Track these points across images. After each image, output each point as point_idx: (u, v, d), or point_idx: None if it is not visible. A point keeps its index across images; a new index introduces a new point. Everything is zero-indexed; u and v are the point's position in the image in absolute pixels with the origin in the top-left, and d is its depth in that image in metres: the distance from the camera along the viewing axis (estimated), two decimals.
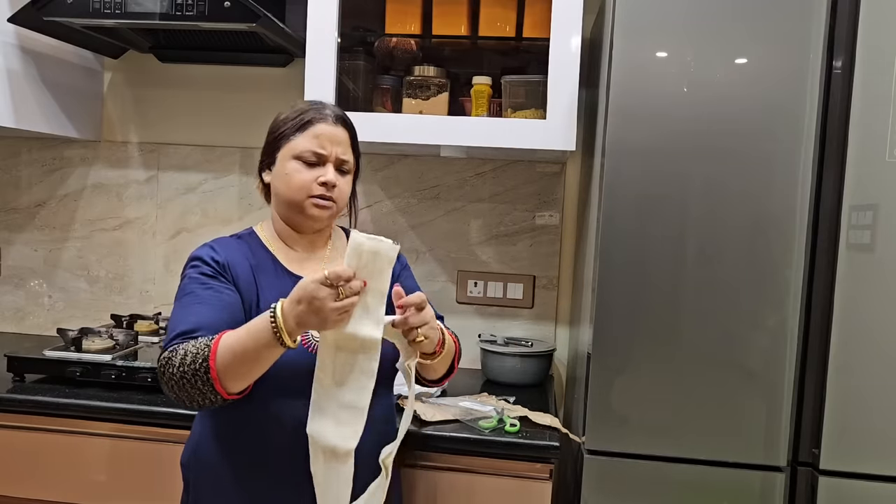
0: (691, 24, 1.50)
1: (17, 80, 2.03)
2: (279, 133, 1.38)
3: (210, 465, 1.36)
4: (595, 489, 1.56)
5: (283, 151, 1.37)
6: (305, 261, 1.42)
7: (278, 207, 1.42)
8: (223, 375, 1.18)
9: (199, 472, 1.38)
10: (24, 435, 1.75)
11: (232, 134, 2.34)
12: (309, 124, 1.35)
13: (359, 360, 1.21)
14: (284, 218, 1.42)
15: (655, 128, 1.51)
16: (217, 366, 1.17)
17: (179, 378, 1.19)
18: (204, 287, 1.31)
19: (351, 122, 1.42)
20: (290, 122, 1.37)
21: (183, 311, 1.29)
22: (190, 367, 1.18)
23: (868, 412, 1.48)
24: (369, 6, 2.00)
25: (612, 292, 1.54)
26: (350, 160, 1.40)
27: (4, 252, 2.45)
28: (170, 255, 2.38)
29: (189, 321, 1.26)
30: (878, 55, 1.44)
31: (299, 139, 1.35)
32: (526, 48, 1.98)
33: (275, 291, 1.32)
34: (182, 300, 1.31)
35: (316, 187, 1.35)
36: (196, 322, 1.25)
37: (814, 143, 1.48)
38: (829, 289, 1.49)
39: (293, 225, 1.42)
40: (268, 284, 1.36)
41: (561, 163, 2.23)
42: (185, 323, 1.26)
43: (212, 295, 1.30)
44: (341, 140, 1.38)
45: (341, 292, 1.13)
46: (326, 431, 1.22)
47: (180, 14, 1.83)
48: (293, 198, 1.36)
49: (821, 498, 1.49)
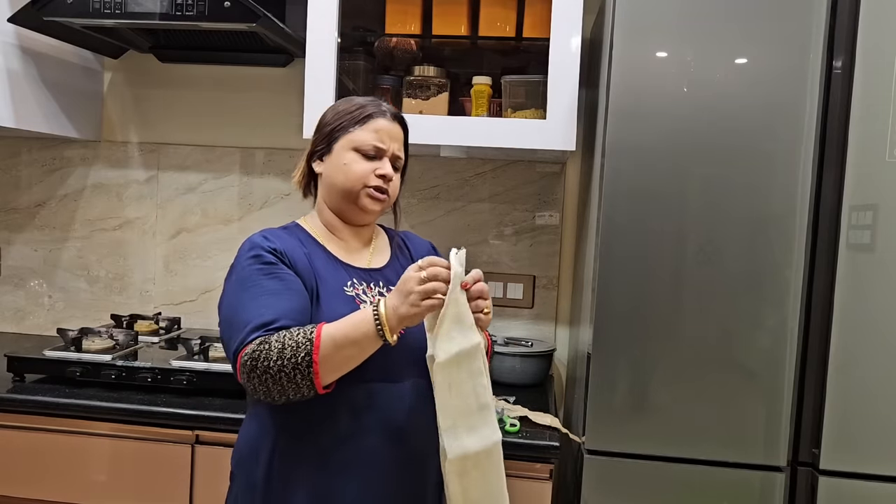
0: (691, 24, 1.50)
1: (17, 80, 2.03)
2: (338, 124, 1.38)
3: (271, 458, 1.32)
4: (595, 489, 1.56)
5: (341, 142, 1.37)
6: (353, 252, 1.42)
7: (330, 197, 1.41)
8: (324, 369, 1.18)
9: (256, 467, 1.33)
10: (24, 435, 1.75)
11: (232, 134, 2.34)
12: (369, 118, 1.36)
13: (467, 368, 1.23)
14: (335, 209, 1.41)
15: (655, 128, 1.51)
16: (320, 359, 1.17)
17: (277, 371, 1.18)
18: (269, 276, 1.28)
19: (406, 122, 1.44)
20: (350, 114, 1.37)
21: (253, 303, 1.25)
22: (290, 361, 1.17)
23: (868, 412, 1.48)
24: (369, 6, 2.00)
25: (612, 292, 1.54)
26: (402, 158, 1.43)
27: (4, 252, 2.45)
28: (170, 255, 2.38)
29: (264, 313, 1.23)
30: (878, 55, 1.44)
31: (359, 132, 1.36)
32: (526, 48, 1.98)
33: (331, 274, 1.34)
34: (248, 291, 1.27)
35: (373, 178, 1.36)
36: (273, 314, 1.23)
37: (814, 142, 1.48)
38: (829, 289, 1.49)
39: (344, 216, 1.42)
40: (324, 271, 1.35)
41: (561, 163, 2.23)
42: (259, 315, 1.23)
43: (279, 284, 1.28)
44: (398, 137, 1.40)
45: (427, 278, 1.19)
46: (466, 444, 1.23)
47: (180, 14, 1.83)
48: (351, 188, 1.36)
49: (821, 498, 1.49)
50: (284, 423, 1.31)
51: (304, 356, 1.17)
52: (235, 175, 2.34)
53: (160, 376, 1.80)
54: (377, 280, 1.41)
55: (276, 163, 2.32)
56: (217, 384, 1.79)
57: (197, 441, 1.71)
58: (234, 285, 1.30)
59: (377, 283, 1.41)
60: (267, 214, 2.32)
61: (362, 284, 1.38)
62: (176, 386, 1.79)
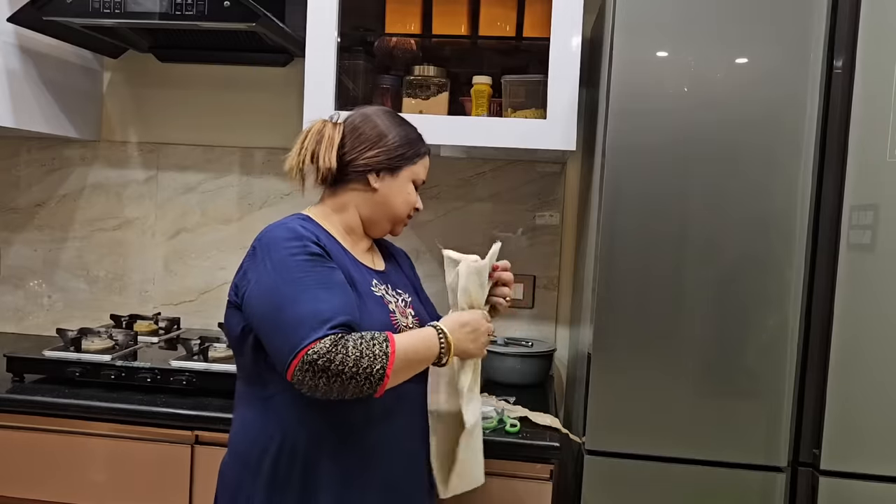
0: (691, 24, 1.50)
1: (16, 79, 2.03)
2: (405, 152, 1.44)
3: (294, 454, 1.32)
4: (595, 489, 1.56)
5: (405, 172, 1.44)
6: (361, 253, 1.46)
7: (374, 212, 1.44)
8: (392, 381, 1.25)
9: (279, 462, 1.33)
10: (23, 435, 1.74)
11: (232, 134, 2.34)
12: (423, 155, 1.47)
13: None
14: (369, 221, 1.45)
15: (655, 128, 1.51)
16: (392, 373, 1.23)
17: (350, 377, 1.19)
18: (320, 267, 1.28)
19: None
20: (413, 147, 1.45)
21: (308, 295, 1.24)
22: (365, 370, 1.21)
23: (869, 412, 1.48)
24: (369, 6, 1.99)
25: (612, 292, 1.53)
26: None
27: (4, 252, 2.44)
28: (169, 255, 2.38)
29: (322, 309, 1.23)
30: (878, 55, 1.44)
31: (419, 166, 1.46)
32: (526, 48, 1.98)
33: (359, 277, 1.38)
34: (300, 282, 1.25)
35: (412, 210, 1.48)
36: (330, 309, 1.23)
37: (814, 142, 1.48)
38: (830, 289, 1.49)
39: (371, 229, 1.47)
40: (353, 269, 1.37)
41: (561, 163, 2.23)
42: (319, 312, 1.22)
43: (330, 277, 1.28)
44: None
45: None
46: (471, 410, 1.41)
47: (180, 14, 1.83)
48: (400, 214, 1.46)
49: (821, 498, 1.49)
50: (316, 416, 1.31)
51: (380, 368, 1.22)
52: (235, 175, 2.34)
53: (160, 376, 1.80)
54: (386, 282, 1.44)
55: (275, 163, 2.31)
56: (216, 384, 1.78)
57: (196, 441, 1.71)
58: (279, 274, 1.26)
59: (387, 284, 1.44)
60: (267, 214, 2.32)
61: (382, 285, 1.42)
62: (175, 386, 1.79)
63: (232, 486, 1.35)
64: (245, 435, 1.36)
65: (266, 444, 1.31)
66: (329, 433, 1.31)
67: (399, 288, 1.47)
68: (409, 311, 1.44)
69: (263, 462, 1.31)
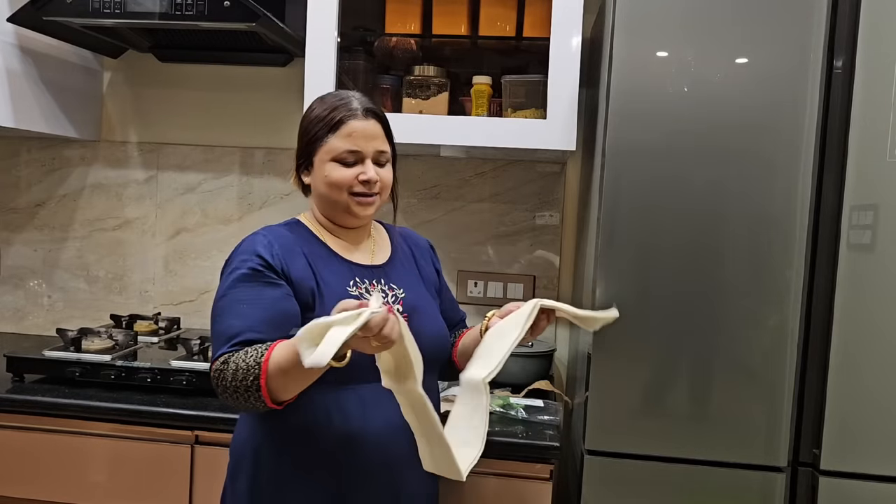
0: (691, 24, 1.50)
1: (16, 79, 2.03)
2: (312, 136, 1.36)
3: (264, 460, 1.34)
4: (595, 489, 1.56)
5: (319, 155, 1.36)
6: (355, 248, 1.43)
7: (322, 207, 1.42)
8: (273, 391, 1.20)
9: (252, 469, 1.35)
10: (23, 435, 1.74)
11: (232, 134, 2.34)
12: (340, 123, 1.34)
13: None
14: (329, 216, 1.42)
15: (656, 128, 1.51)
16: (268, 383, 1.19)
17: (233, 392, 1.22)
18: (249, 286, 1.29)
19: (381, 112, 1.40)
20: (321, 122, 1.35)
21: (227, 314, 1.28)
22: (242, 384, 1.20)
23: (869, 412, 1.48)
24: (369, 6, 2.00)
25: (613, 292, 1.53)
26: (387, 150, 1.40)
27: (4, 252, 2.44)
28: (169, 255, 2.38)
29: (234, 325, 1.26)
30: (878, 55, 1.44)
31: (333, 140, 1.34)
32: (526, 48, 1.98)
33: (334, 276, 1.36)
34: (227, 297, 1.29)
35: (357, 185, 1.35)
36: (241, 325, 1.26)
37: (814, 142, 1.47)
38: (830, 289, 1.49)
39: (337, 221, 1.42)
40: (326, 270, 1.36)
41: (561, 163, 2.23)
42: (230, 327, 1.26)
43: (257, 293, 1.29)
44: (375, 134, 1.37)
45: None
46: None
47: (180, 14, 1.83)
48: (337, 199, 1.36)
49: (821, 498, 1.49)
50: (274, 427, 1.34)
51: (253, 380, 1.19)
52: (235, 175, 2.34)
53: (160, 376, 1.80)
54: (379, 277, 1.42)
55: (275, 163, 2.31)
56: None
57: (196, 441, 1.71)
58: (220, 289, 1.33)
59: (379, 280, 1.41)
60: (267, 214, 2.31)
61: (365, 283, 1.39)
62: (175, 386, 1.79)
63: (228, 487, 1.40)
64: (238, 434, 1.41)
65: (246, 451, 1.37)
66: (306, 428, 1.32)
67: (395, 283, 1.43)
68: (398, 307, 1.39)
69: (247, 468, 1.35)
